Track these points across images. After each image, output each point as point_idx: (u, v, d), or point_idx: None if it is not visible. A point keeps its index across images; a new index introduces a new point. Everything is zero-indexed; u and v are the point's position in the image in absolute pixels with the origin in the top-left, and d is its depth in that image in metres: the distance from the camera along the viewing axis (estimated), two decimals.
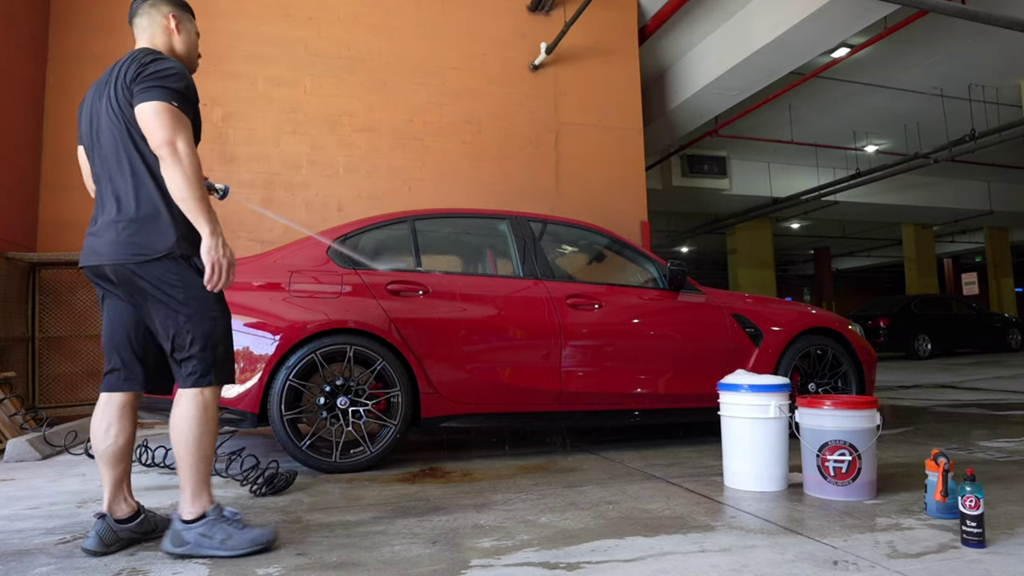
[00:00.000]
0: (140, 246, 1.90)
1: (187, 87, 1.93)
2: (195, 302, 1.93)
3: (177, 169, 1.82)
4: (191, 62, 2.15)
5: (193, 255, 1.94)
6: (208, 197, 1.92)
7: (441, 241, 4.08)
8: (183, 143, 1.84)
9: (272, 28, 5.93)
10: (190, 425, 1.93)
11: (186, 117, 1.89)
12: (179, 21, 2.10)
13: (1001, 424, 4.26)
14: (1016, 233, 20.22)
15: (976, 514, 1.84)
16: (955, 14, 5.75)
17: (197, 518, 1.89)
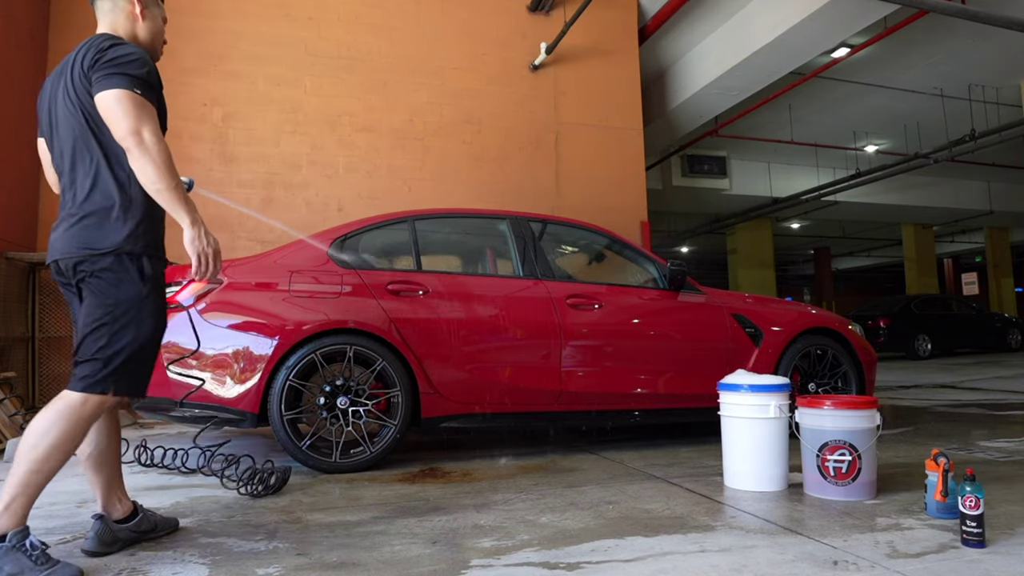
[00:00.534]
0: (88, 240, 1.79)
1: (149, 73, 1.83)
2: (125, 306, 1.80)
3: (146, 159, 1.73)
4: (154, 50, 2.05)
5: (145, 255, 1.85)
6: (181, 186, 1.80)
7: (441, 241, 4.08)
8: (149, 132, 1.74)
9: (272, 28, 5.93)
10: (53, 430, 1.71)
11: (150, 105, 1.80)
12: (144, 6, 1.98)
13: (1001, 424, 4.26)
14: (1016, 233, 20.22)
15: (976, 514, 1.84)
16: (955, 14, 5.75)
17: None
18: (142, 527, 2.01)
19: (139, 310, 1.83)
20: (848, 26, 6.63)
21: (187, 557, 1.88)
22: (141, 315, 1.83)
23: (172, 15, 5.67)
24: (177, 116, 5.61)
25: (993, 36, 7.96)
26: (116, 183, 1.83)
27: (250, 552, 1.92)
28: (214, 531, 2.14)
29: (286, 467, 2.83)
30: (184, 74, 5.66)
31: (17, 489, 1.66)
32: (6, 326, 4.60)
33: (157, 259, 1.89)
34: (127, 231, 1.82)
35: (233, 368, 2.99)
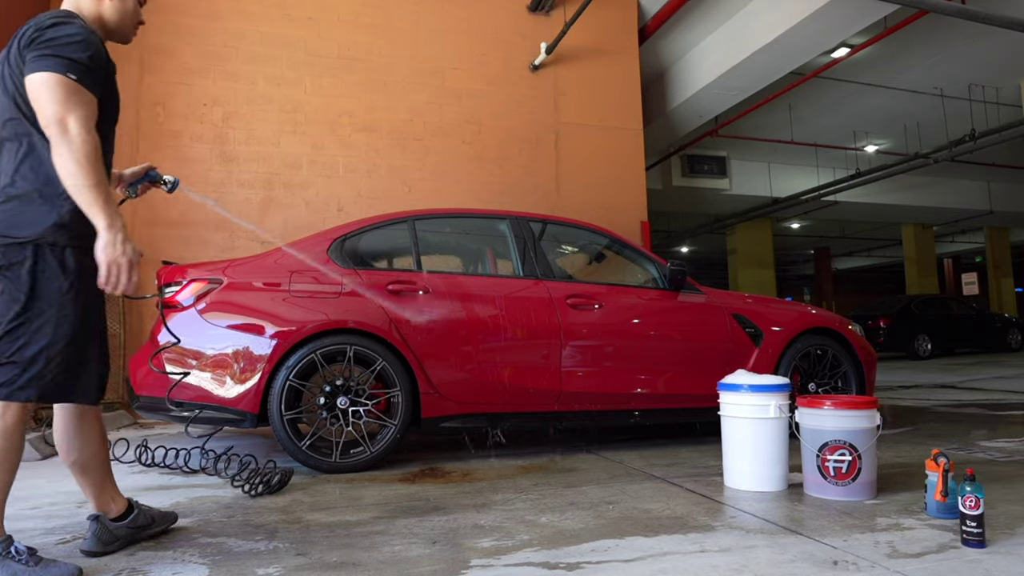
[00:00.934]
0: (8, 226, 1.64)
1: (92, 57, 1.69)
2: (45, 302, 1.64)
3: (65, 151, 1.58)
4: (123, 32, 1.93)
5: (71, 247, 1.69)
6: (104, 184, 1.63)
7: (441, 241, 4.08)
8: (76, 122, 1.60)
9: (272, 28, 5.93)
10: None
11: (87, 92, 1.66)
12: None
13: (1001, 424, 4.26)
14: (1016, 233, 20.21)
15: (976, 514, 1.84)
16: (955, 14, 5.75)
17: None
18: (139, 522, 2.00)
19: (60, 308, 1.66)
20: (848, 26, 6.63)
21: (187, 557, 1.88)
22: (62, 313, 1.66)
23: (172, 15, 5.69)
24: (177, 116, 5.62)
25: (993, 36, 7.96)
26: (45, 169, 1.67)
27: (250, 552, 1.92)
28: (214, 531, 2.14)
29: (290, 469, 2.83)
30: (184, 74, 5.66)
31: None
32: None
33: (84, 252, 1.69)
34: (54, 221, 1.66)
35: (233, 368, 2.99)
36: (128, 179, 2.17)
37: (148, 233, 5.45)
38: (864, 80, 9.72)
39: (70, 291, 1.69)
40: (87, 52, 1.68)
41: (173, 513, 2.19)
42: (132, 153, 5.48)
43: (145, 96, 5.56)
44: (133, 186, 2.18)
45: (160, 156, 5.54)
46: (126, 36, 1.96)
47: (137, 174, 2.19)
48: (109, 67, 1.80)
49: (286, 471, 2.79)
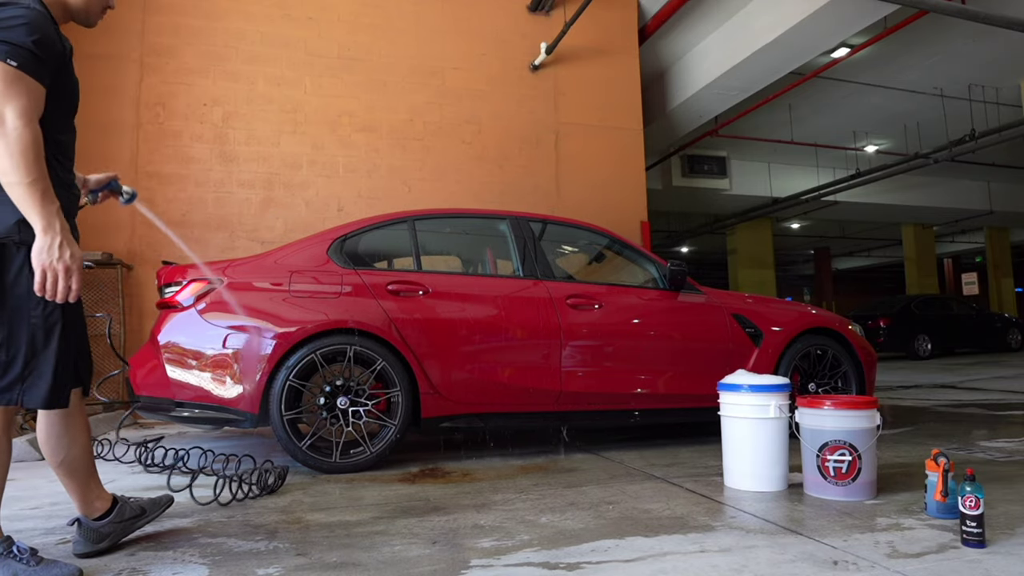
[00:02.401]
0: None
1: (39, 41, 1.56)
2: (17, 300, 1.58)
3: (12, 143, 1.48)
4: (87, 15, 1.84)
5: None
6: (43, 182, 1.53)
7: (441, 241, 4.08)
8: (13, 112, 1.49)
9: (272, 28, 5.93)
10: None
11: (30, 80, 1.53)
12: None
13: (1001, 424, 4.26)
14: (1016, 233, 20.22)
15: (976, 514, 1.84)
16: (955, 14, 5.75)
17: None
18: (126, 515, 1.95)
19: (40, 304, 1.59)
20: (848, 26, 6.63)
21: (187, 557, 1.88)
22: (45, 310, 1.60)
23: (172, 15, 5.69)
24: (177, 116, 5.62)
25: (993, 36, 7.97)
26: None
27: (250, 552, 1.92)
28: (214, 531, 2.14)
29: (285, 467, 2.83)
30: (184, 74, 5.66)
31: None
32: None
33: None
34: (18, 218, 1.56)
35: (233, 368, 2.99)
36: (92, 185, 2.05)
37: (148, 233, 5.45)
38: (864, 80, 9.73)
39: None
40: (34, 36, 1.55)
41: (166, 496, 2.14)
42: (132, 153, 5.49)
43: (145, 96, 5.56)
44: (95, 193, 2.08)
45: (160, 156, 5.54)
46: (89, 19, 1.84)
47: (101, 181, 2.07)
48: (64, 52, 1.67)
49: (283, 470, 2.79)
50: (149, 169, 5.51)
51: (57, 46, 1.65)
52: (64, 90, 1.70)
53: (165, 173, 5.54)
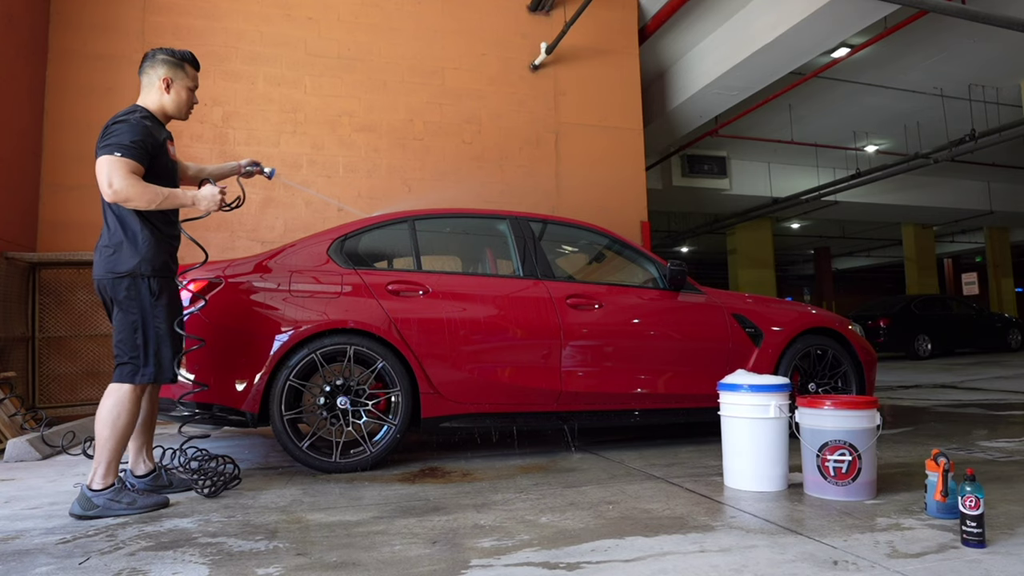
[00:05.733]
0: (110, 266, 2.43)
1: (133, 138, 2.37)
2: (143, 316, 2.43)
3: (124, 199, 2.33)
4: (179, 113, 2.64)
5: (152, 276, 2.44)
6: (160, 195, 2.37)
7: (441, 241, 4.07)
8: (118, 182, 2.31)
9: (272, 28, 5.93)
10: (111, 411, 2.38)
11: (129, 161, 2.34)
12: (171, 82, 2.58)
13: (1001, 424, 4.26)
14: (1016, 233, 20.21)
15: (976, 514, 1.84)
16: (955, 14, 5.75)
17: (107, 487, 2.36)
18: (158, 482, 2.67)
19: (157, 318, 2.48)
20: (848, 26, 6.63)
21: (187, 557, 1.88)
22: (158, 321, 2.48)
23: (172, 15, 5.69)
24: None
25: (993, 36, 7.96)
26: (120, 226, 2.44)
27: (250, 552, 1.92)
28: (214, 531, 2.14)
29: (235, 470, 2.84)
30: None
31: (108, 457, 2.37)
32: (6, 326, 4.59)
33: (155, 278, 2.45)
34: (137, 260, 2.43)
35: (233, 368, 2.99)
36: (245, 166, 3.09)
37: None
38: (864, 80, 9.72)
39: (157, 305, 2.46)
40: (129, 136, 2.39)
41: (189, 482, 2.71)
42: None
43: None
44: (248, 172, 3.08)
45: None
46: (182, 117, 2.67)
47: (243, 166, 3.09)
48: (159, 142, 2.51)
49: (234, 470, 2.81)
50: None
51: (153, 139, 2.46)
52: (162, 169, 2.52)
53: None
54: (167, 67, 2.58)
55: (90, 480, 2.36)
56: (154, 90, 2.58)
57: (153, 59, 2.59)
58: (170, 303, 2.52)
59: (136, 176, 2.37)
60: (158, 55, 2.60)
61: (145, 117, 2.50)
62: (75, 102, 5.42)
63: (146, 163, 2.41)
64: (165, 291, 2.49)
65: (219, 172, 3.00)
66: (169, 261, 2.54)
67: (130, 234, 2.43)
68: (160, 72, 2.58)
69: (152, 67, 2.58)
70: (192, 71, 2.65)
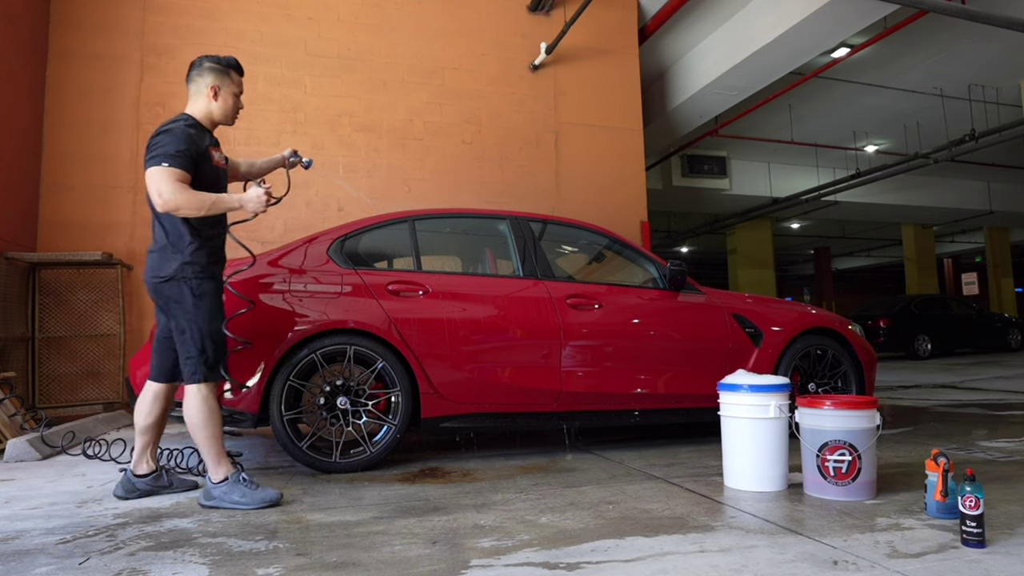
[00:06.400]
0: (155, 270, 2.50)
1: (178, 147, 2.41)
2: (191, 317, 2.47)
3: (175, 207, 2.37)
4: (226, 120, 2.67)
5: (194, 278, 2.47)
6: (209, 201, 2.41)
7: (441, 241, 4.07)
8: (167, 190, 2.34)
9: (272, 28, 5.93)
10: (196, 414, 2.46)
11: (176, 170, 2.38)
12: (219, 90, 2.61)
13: (1001, 424, 4.26)
14: (1016, 233, 20.22)
15: (976, 514, 1.84)
16: (955, 14, 5.76)
17: (222, 480, 2.46)
18: (159, 483, 2.65)
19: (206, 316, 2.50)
20: (848, 26, 6.63)
21: (187, 557, 1.88)
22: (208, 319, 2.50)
23: (172, 15, 5.69)
24: None
25: (993, 36, 7.96)
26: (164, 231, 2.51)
27: (250, 552, 1.92)
28: (214, 531, 2.14)
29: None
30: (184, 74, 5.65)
31: (212, 453, 2.47)
32: (6, 326, 4.60)
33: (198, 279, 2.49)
34: (180, 262, 2.47)
35: None
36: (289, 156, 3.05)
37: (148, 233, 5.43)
38: (864, 80, 9.73)
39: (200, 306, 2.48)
40: (174, 146, 2.42)
41: (194, 481, 2.75)
42: (132, 153, 5.49)
43: (145, 96, 5.56)
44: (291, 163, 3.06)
45: None
46: (229, 122, 2.70)
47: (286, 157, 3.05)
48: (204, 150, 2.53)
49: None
50: None
51: (197, 147, 2.49)
52: (208, 175, 2.55)
53: None
54: (214, 74, 2.61)
55: (209, 475, 2.49)
56: (202, 98, 2.61)
57: (200, 67, 2.61)
58: (214, 303, 2.53)
59: (184, 184, 2.40)
60: (205, 63, 2.61)
61: (190, 125, 2.53)
62: (75, 102, 5.42)
63: (192, 170, 2.44)
64: (208, 293, 2.51)
65: (268, 165, 3.04)
66: (213, 263, 2.56)
67: (173, 238, 2.48)
68: (208, 80, 2.60)
69: (200, 75, 2.61)
70: (237, 77, 2.68)
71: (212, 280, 2.55)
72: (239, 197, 2.49)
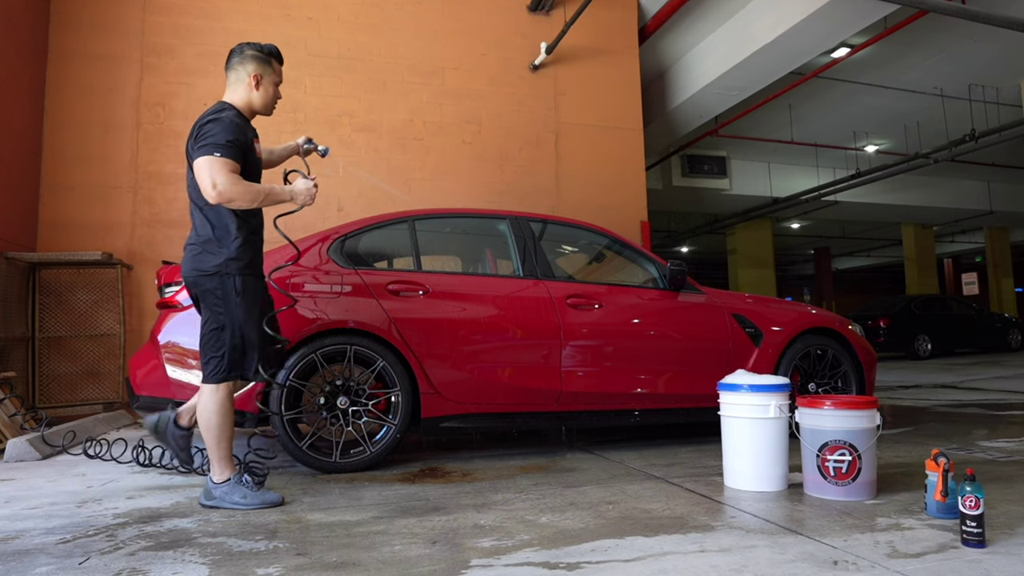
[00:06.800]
0: (196, 264, 2.43)
1: (228, 137, 2.35)
2: (228, 314, 2.40)
3: (228, 199, 2.31)
4: (265, 110, 2.61)
5: (237, 274, 2.41)
6: (261, 193, 2.38)
7: (441, 241, 4.07)
8: (221, 180, 2.28)
9: (272, 28, 5.93)
10: (211, 415, 2.40)
11: (228, 160, 2.33)
12: (261, 78, 2.54)
13: (1001, 424, 4.26)
14: (1016, 233, 20.21)
15: (976, 514, 1.84)
16: (955, 14, 5.75)
17: (224, 480, 2.42)
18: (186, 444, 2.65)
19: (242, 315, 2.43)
20: (848, 26, 6.63)
21: (187, 557, 1.88)
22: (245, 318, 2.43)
23: (172, 15, 5.69)
24: (177, 116, 5.62)
25: (993, 36, 7.96)
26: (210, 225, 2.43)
27: (250, 552, 1.92)
28: (214, 531, 2.14)
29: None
30: (184, 74, 5.66)
31: (219, 453, 2.43)
32: (6, 326, 4.60)
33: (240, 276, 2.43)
34: (223, 258, 2.41)
35: None
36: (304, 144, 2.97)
37: (148, 233, 5.45)
38: (864, 80, 9.72)
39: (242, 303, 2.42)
40: (224, 136, 2.35)
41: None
42: (132, 153, 5.48)
43: (145, 96, 5.56)
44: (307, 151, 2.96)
45: (160, 156, 5.54)
46: (268, 113, 2.65)
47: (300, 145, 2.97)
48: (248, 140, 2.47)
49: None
50: (149, 169, 5.51)
51: (244, 137, 2.44)
52: (252, 166, 2.50)
53: (165, 173, 5.54)
54: (257, 63, 2.53)
55: (212, 474, 2.45)
56: (243, 86, 2.53)
57: (242, 54, 2.53)
58: (256, 301, 2.47)
59: (237, 175, 2.35)
60: (247, 50, 2.53)
61: (236, 115, 2.47)
62: (75, 102, 5.42)
63: (241, 161, 2.39)
64: (250, 289, 2.45)
65: (284, 153, 2.97)
66: (256, 258, 2.52)
67: (219, 232, 2.42)
68: (250, 68, 2.52)
69: (241, 63, 2.53)
70: (278, 66, 2.61)
71: (255, 276, 2.50)
72: (289, 189, 2.47)
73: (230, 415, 2.44)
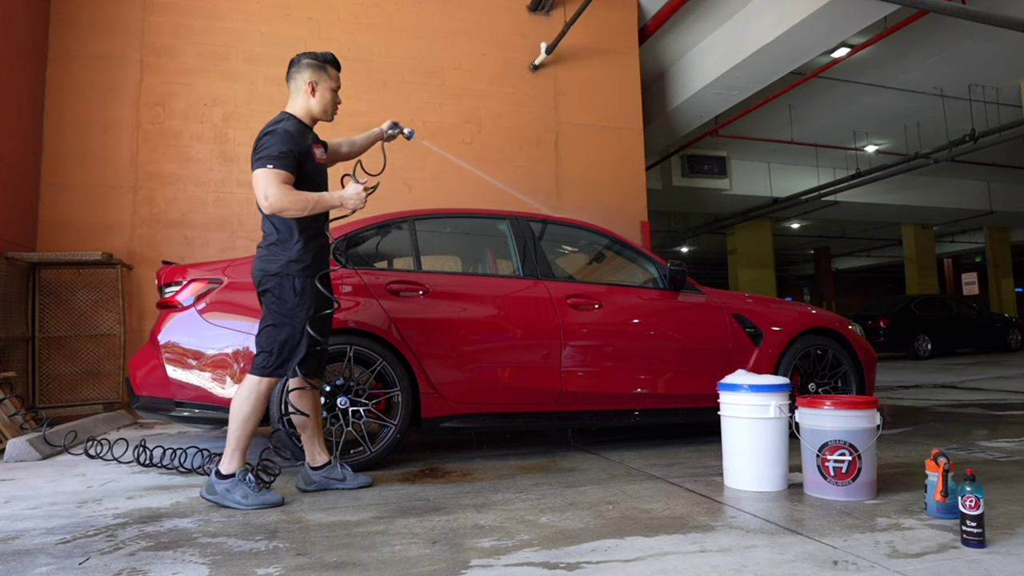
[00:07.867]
0: (262, 265, 2.54)
1: (281, 149, 2.45)
2: (284, 313, 2.49)
3: (280, 209, 2.40)
4: (325, 116, 2.68)
5: (297, 276, 2.50)
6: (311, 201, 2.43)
7: (441, 241, 4.07)
8: (273, 192, 2.39)
9: (272, 28, 5.93)
10: (243, 403, 2.46)
11: (281, 172, 2.42)
12: (316, 85, 2.63)
13: (1001, 424, 4.26)
14: (1016, 233, 20.21)
15: (976, 514, 1.84)
16: (955, 14, 5.75)
17: (228, 475, 2.43)
18: (331, 475, 2.68)
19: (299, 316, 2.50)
20: (848, 26, 6.63)
21: (187, 557, 1.88)
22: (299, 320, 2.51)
23: (172, 15, 5.69)
24: (177, 116, 5.62)
25: (993, 36, 7.96)
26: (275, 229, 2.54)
27: (250, 552, 1.92)
28: (214, 531, 2.14)
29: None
30: (184, 74, 5.66)
31: (233, 443, 2.46)
32: (6, 326, 4.60)
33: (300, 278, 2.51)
34: (285, 260, 2.51)
35: (233, 368, 3.00)
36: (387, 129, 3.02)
37: (148, 233, 5.45)
38: (864, 80, 9.72)
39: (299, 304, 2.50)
40: (278, 147, 2.47)
41: (368, 479, 2.75)
42: (132, 153, 5.49)
43: (145, 96, 5.56)
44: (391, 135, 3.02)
45: (160, 156, 5.54)
46: (328, 118, 2.71)
47: (384, 131, 3.03)
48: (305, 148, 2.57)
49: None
50: (149, 169, 5.51)
51: (300, 145, 2.53)
52: (310, 174, 2.58)
53: (165, 173, 5.54)
54: (311, 71, 2.63)
55: (217, 464, 2.46)
56: (301, 95, 2.64)
57: (298, 64, 2.64)
58: (313, 302, 2.53)
59: (288, 186, 2.44)
60: (302, 60, 2.64)
61: (292, 125, 2.56)
62: (75, 102, 5.42)
63: (295, 171, 2.47)
64: (308, 290, 2.52)
65: (367, 141, 3.04)
66: (318, 260, 2.58)
67: (282, 235, 2.52)
68: (305, 76, 2.62)
69: (298, 72, 2.64)
70: (334, 72, 2.68)
71: (314, 279, 2.56)
72: (340, 195, 2.50)
73: (260, 411, 2.49)
